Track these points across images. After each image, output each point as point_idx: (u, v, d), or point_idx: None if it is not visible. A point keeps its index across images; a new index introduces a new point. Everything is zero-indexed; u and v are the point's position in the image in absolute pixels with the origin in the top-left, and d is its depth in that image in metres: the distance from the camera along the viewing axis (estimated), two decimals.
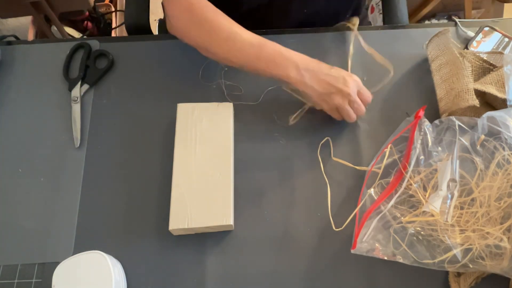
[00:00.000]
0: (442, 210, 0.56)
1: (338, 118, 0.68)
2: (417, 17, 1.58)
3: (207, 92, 0.73)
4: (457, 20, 0.79)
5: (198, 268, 0.61)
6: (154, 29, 1.00)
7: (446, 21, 1.61)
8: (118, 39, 0.82)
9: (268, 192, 0.66)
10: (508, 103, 0.63)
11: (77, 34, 1.53)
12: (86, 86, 0.73)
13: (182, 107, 0.68)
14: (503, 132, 0.59)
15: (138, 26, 0.90)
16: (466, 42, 0.76)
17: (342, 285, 0.60)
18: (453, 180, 0.58)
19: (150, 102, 0.72)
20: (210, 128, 0.66)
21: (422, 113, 0.64)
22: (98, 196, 0.66)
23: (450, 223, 0.56)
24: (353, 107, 0.66)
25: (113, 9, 1.64)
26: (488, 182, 0.58)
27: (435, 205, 0.56)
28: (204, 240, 0.63)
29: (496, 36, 0.76)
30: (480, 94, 0.66)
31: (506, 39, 0.76)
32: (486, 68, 0.69)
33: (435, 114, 0.70)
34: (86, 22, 1.56)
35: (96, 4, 1.58)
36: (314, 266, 0.61)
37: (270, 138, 0.70)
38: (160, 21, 1.01)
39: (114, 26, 1.60)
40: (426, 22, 1.62)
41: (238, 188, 0.65)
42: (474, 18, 1.55)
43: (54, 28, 1.43)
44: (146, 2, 0.93)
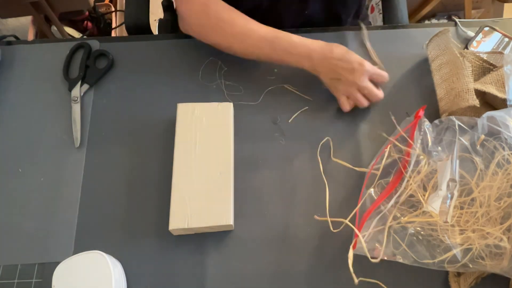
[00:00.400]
0: (442, 210, 0.56)
1: (350, 105, 0.70)
2: (417, 17, 1.58)
3: (207, 92, 0.73)
4: (457, 20, 0.79)
5: (198, 268, 0.61)
6: (154, 29, 1.00)
7: (446, 21, 1.62)
8: (118, 39, 0.81)
9: (268, 192, 0.66)
10: (508, 103, 0.63)
11: (77, 34, 1.53)
12: (86, 86, 0.73)
13: (182, 107, 0.68)
14: (503, 132, 0.59)
15: (138, 26, 0.90)
16: (466, 42, 0.76)
17: (342, 285, 0.60)
18: (453, 180, 0.58)
19: (150, 102, 0.72)
20: (210, 128, 0.66)
21: (422, 113, 0.64)
22: (98, 196, 0.66)
23: (450, 223, 0.56)
24: (364, 94, 0.68)
25: (113, 9, 1.64)
26: (488, 182, 0.58)
27: (435, 205, 0.56)
28: (204, 240, 0.63)
29: (496, 36, 0.76)
30: (480, 94, 0.66)
31: (506, 39, 0.76)
32: (486, 68, 0.69)
33: (435, 114, 0.70)
34: (86, 22, 1.56)
35: (96, 4, 1.58)
36: (314, 266, 0.61)
37: (270, 138, 0.70)
38: (160, 21, 1.01)
39: (114, 26, 1.60)
40: (426, 22, 1.62)
41: (238, 188, 0.65)
42: (474, 18, 1.55)
43: (54, 28, 1.43)
44: (146, 2, 0.93)
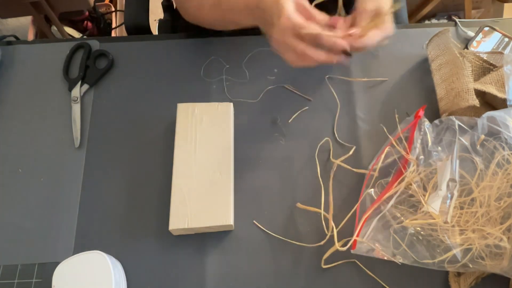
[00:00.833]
0: (441, 210, 0.56)
1: (297, 62, 0.55)
2: (417, 17, 1.58)
3: (207, 92, 0.73)
4: (457, 20, 0.79)
5: (198, 268, 0.61)
6: (154, 29, 1.00)
7: (446, 21, 1.62)
8: (118, 39, 0.81)
9: (268, 192, 0.66)
10: (508, 103, 0.63)
11: (77, 34, 1.53)
12: (86, 86, 0.73)
13: (182, 107, 0.68)
14: (503, 132, 0.59)
15: (138, 26, 0.90)
16: (466, 42, 0.76)
17: (342, 285, 0.60)
18: (452, 180, 0.58)
19: (150, 102, 0.72)
20: (210, 128, 0.66)
21: (422, 112, 0.64)
22: (98, 196, 0.66)
23: (450, 223, 0.56)
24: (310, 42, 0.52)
25: (113, 9, 1.64)
26: (488, 182, 0.58)
27: (435, 205, 0.56)
28: (204, 240, 0.63)
29: (496, 36, 0.76)
30: (480, 94, 0.66)
31: (506, 39, 0.76)
32: (486, 68, 0.69)
33: (435, 114, 0.70)
34: (86, 22, 1.56)
35: (96, 4, 1.58)
36: (314, 266, 0.61)
37: (270, 138, 0.70)
38: (160, 21, 1.01)
39: (114, 26, 1.60)
40: (426, 22, 1.63)
41: (238, 188, 0.65)
42: (474, 18, 1.55)
43: (54, 28, 1.43)
44: (146, 2, 0.93)
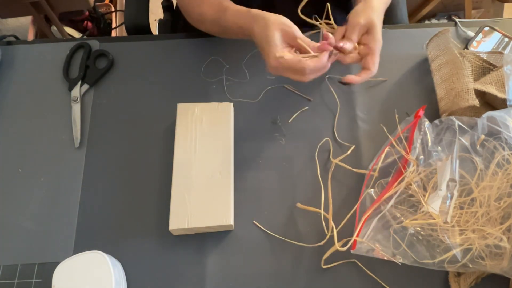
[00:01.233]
0: (441, 210, 0.56)
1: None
2: (417, 17, 1.58)
3: (207, 91, 0.73)
4: (457, 20, 0.79)
5: (198, 268, 0.61)
6: (154, 29, 1.00)
7: (446, 21, 1.62)
8: (118, 39, 0.82)
9: (268, 192, 0.66)
10: (508, 103, 0.63)
11: (77, 34, 1.53)
12: (86, 86, 0.73)
13: (182, 107, 0.68)
14: (503, 132, 0.59)
15: (138, 26, 0.90)
16: (466, 42, 0.76)
17: (342, 285, 0.60)
18: (452, 180, 0.58)
19: (150, 102, 0.72)
20: (210, 128, 0.66)
21: (422, 112, 0.64)
22: (98, 196, 0.66)
23: (450, 224, 0.56)
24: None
25: (113, 9, 1.64)
26: (488, 182, 0.58)
27: (435, 205, 0.56)
28: (204, 240, 0.63)
29: (496, 36, 0.76)
30: (480, 94, 0.66)
31: (506, 39, 0.76)
32: (486, 68, 0.69)
33: (435, 114, 0.70)
34: (86, 22, 1.56)
35: (96, 4, 1.58)
36: (314, 266, 0.61)
37: (270, 138, 0.70)
38: (160, 21, 1.01)
39: (114, 26, 1.60)
40: (426, 22, 1.63)
41: (238, 188, 0.65)
42: (474, 18, 1.55)
43: (54, 28, 1.43)
44: (146, 2, 0.93)
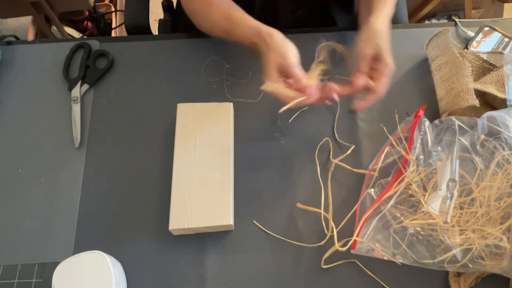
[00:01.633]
0: (441, 210, 0.56)
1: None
2: (417, 17, 1.58)
3: (207, 91, 0.73)
4: (457, 20, 0.79)
5: (198, 268, 0.61)
6: (154, 29, 1.00)
7: (446, 21, 1.61)
8: (118, 39, 0.82)
9: (268, 192, 0.66)
10: (508, 103, 0.63)
11: (77, 34, 1.53)
12: (86, 86, 0.73)
13: (182, 107, 0.68)
14: (503, 132, 0.59)
15: (138, 26, 0.90)
16: (466, 42, 0.76)
17: (342, 285, 0.60)
18: (452, 180, 0.58)
19: (150, 102, 0.72)
20: (210, 128, 0.66)
21: (422, 112, 0.64)
22: (98, 196, 0.66)
23: (450, 224, 0.56)
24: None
25: (113, 9, 1.64)
26: (488, 182, 0.58)
27: (435, 205, 0.56)
28: (204, 240, 0.63)
29: (496, 36, 0.76)
30: (480, 94, 0.66)
31: (506, 39, 0.76)
32: (486, 68, 0.69)
33: (435, 114, 0.70)
34: (86, 22, 1.56)
35: (96, 4, 1.58)
36: (314, 266, 0.61)
37: (270, 138, 0.70)
38: (160, 21, 1.01)
39: (114, 26, 1.60)
40: (426, 22, 1.62)
41: (238, 188, 0.65)
42: (474, 18, 1.55)
43: (54, 28, 1.43)
44: (146, 2, 0.93)
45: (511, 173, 0.57)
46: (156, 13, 1.09)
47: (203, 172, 0.63)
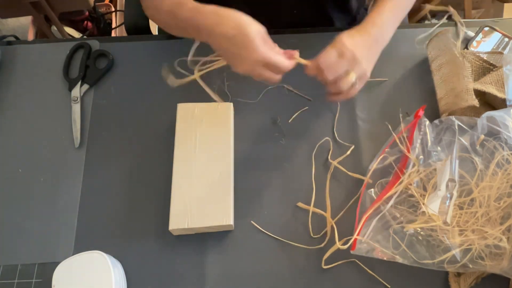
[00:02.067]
0: (441, 210, 0.56)
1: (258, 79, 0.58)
2: (417, 17, 1.58)
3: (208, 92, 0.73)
4: (457, 20, 0.79)
5: (198, 268, 0.61)
6: (154, 29, 1.00)
7: (446, 21, 1.61)
8: (118, 39, 0.82)
9: (268, 192, 0.66)
10: (508, 103, 0.63)
11: (77, 34, 1.53)
12: (86, 86, 0.73)
13: (182, 107, 0.68)
14: (503, 132, 0.59)
15: (138, 26, 0.90)
16: (466, 42, 0.76)
17: (343, 285, 0.60)
18: (452, 180, 0.58)
19: (150, 102, 0.72)
20: (210, 128, 0.66)
21: (421, 112, 0.64)
22: (98, 196, 0.66)
23: (449, 224, 0.56)
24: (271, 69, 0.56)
25: (113, 9, 1.64)
26: (487, 182, 0.58)
27: (434, 205, 0.56)
28: (204, 240, 0.63)
29: (496, 36, 0.76)
30: (480, 94, 0.66)
31: (506, 39, 0.76)
32: (486, 68, 0.69)
33: (435, 114, 0.70)
34: (86, 22, 1.56)
35: (96, 4, 1.58)
36: (314, 266, 0.61)
37: (270, 138, 0.70)
38: None
39: (114, 26, 1.60)
40: (426, 22, 1.62)
41: (238, 188, 0.65)
42: (474, 18, 1.55)
43: (54, 28, 1.43)
44: None
45: (511, 173, 0.57)
46: None
47: (203, 172, 0.63)
